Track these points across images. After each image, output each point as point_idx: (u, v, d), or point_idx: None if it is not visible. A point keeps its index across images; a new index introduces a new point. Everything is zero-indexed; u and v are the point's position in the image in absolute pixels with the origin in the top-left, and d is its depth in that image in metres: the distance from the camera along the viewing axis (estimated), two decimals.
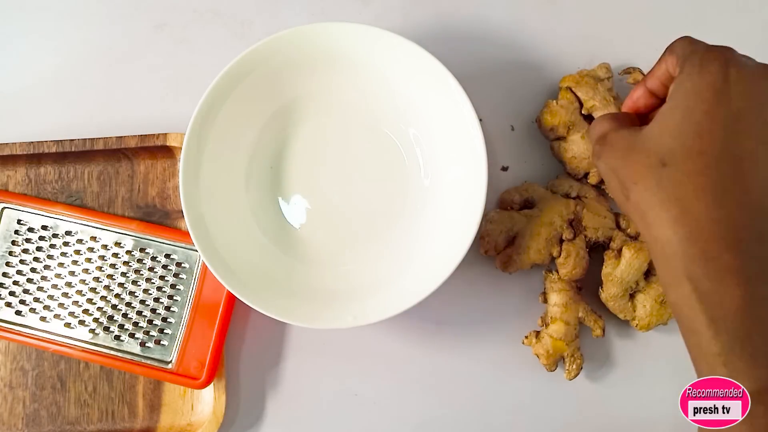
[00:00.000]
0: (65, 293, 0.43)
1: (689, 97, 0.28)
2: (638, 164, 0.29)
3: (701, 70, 0.28)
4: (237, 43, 0.46)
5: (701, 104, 0.28)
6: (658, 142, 0.29)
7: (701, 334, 0.27)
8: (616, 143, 0.31)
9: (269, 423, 0.43)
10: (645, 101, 0.34)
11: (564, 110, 0.42)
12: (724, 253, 0.27)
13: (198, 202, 0.39)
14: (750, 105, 0.27)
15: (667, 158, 0.28)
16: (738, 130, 0.27)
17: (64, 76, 0.46)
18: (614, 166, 0.31)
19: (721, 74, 0.28)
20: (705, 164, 0.27)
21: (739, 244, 0.27)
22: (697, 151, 0.27)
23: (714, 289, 0.27)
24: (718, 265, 0.27)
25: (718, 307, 0.27)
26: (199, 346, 0.41)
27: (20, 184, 0.44)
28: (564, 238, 0.41)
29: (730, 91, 0.27)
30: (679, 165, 0.28)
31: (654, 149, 0.29)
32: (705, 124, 0.27)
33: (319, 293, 0.41)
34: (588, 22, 0.46)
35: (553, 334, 0.41)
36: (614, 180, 0.31)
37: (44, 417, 0.43)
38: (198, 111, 0.38)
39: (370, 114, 0.43)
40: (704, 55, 0.29)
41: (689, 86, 0.28)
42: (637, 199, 0.29)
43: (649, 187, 0.28)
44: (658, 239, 0.28)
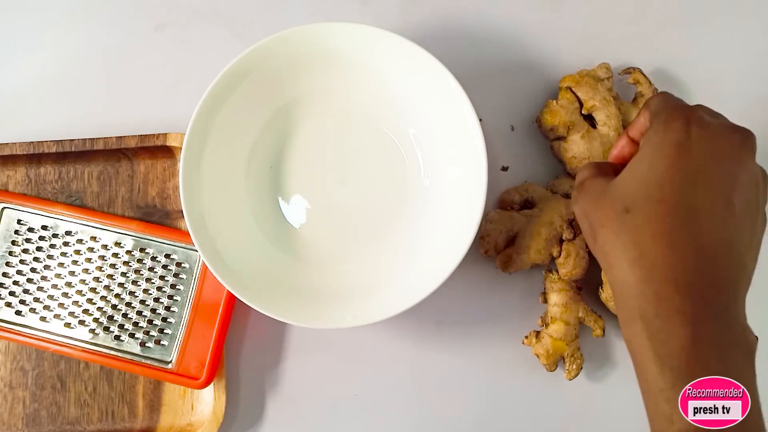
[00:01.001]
0: (65, 293, 0.43)
1: (654, 151, 0.31)
2: (606, 209, 0.32)
3: (666, 127, 0.31)
4: (237, 43, 0.46)
5: (665, 158, 0.30)
6: (625, 190, 0.31)
7: (648, 371, 0.29)
8: (591, 189, 0.34)
9: (269, 423, 0.43)
10: (629, 149, 0.36)
11: (564, 110, 0.42)
12: (674, 295, 0.28)
13: (198, 202, 0.39)
14: (708, 160, 0.30)
15: (630, 205, 0.30)
16: (696, 183, 0.29)
17: (64, 76, 0.46)
18: (586, 210, 0.33)
19: (684, 132, 0.30)
20: (664, 212, 0.29)
21: (689, 287, 0.28)
22: (657, 200, 0.30)
23: (662, 328, 0.28)
24: (668, 306, 0.28)
25: (665, 345, 0.28)
26: (199, 346, 0.41)
27: (20, 184, 0.44)
28: (564, 238, 0.41)
29: (691, 147, 0.30)
30: (640, 212, 0.30)
31: (620, 197, 0.31)
32: (667, 176, 0.30)
33: (319, 293, 0.41)
34: (588, 22, 0.46)
35: (553, 334, 0.41)
36: (585, 223, 0.34)
37: (44, 417, 0.43)
38: (198, 111, 0.38)
39: (370, 114, 0.43)
40: (670, 114, 0.31)
41: (656, 141, 0.31)
42: (602, 241, 0.32)
43: (613, 231, 0.31)
44: (617, 279, 0.30)
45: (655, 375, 0.29)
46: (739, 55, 0.46)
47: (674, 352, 0.28)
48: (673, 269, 0.29)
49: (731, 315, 0.29)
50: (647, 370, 0.29)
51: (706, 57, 0.46)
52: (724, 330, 0.28)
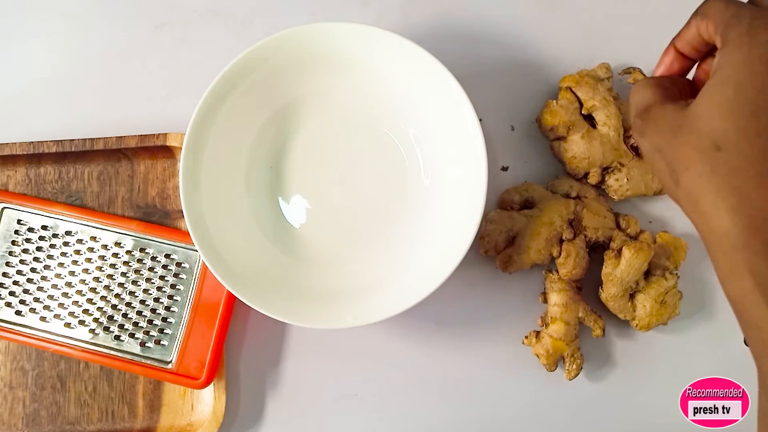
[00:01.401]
0: (65, 293, 0.43)
1: (740, 71, 0.26)
2: (688, 147, 0.27)
3: (751, 39, 0.26)
4: (237, 43, 0.46)
5: (754, 79, 0.25)
6: (708, 122, 0.26)
7: (766, 331, 0.26)
8: (661, 120, 0.29)
9: (269, 423, 0.43)
10: (679, 65, 0.32)
11: (564, 110, 0.42)
12: None
13: (198, 202, 0.39)
14: None
15: (721, 141, 0.26)
16: None
17: (64, 76, 0.46)
18: (660, 146, 0.28)
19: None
20: (765, 147, 0.25)
21: None
22: (755, 132, 0.25)
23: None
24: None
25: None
26: (199, 346, 0.41)
27: (20, 184, 0.44)
28: (564, 238, 0.41)
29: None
30: (735, 149, 0.25)
31: (705, 130, 0.26)
32: (761, 102, 0.25)
33: (319, 293, 0.41)
34: (588, 22, 0.46)
35: (553, 334, 0.41)
36: (661, 162, 0.28)
37: (44, 417, 0.43)
38: (198, 111, 0.38)
39: (370, 114, 0.43)
40: (752, 22, 0.26)
41: (739, 58, 0.26)
42: (689, 185, 0.27)
43: (703, 174, 0.26)
44: (714, 230, 0.26)
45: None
46: None
47: None
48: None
49: None
50: (765, 330, 0.25)
51: None
52: None
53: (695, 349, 0.43)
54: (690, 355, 0.43)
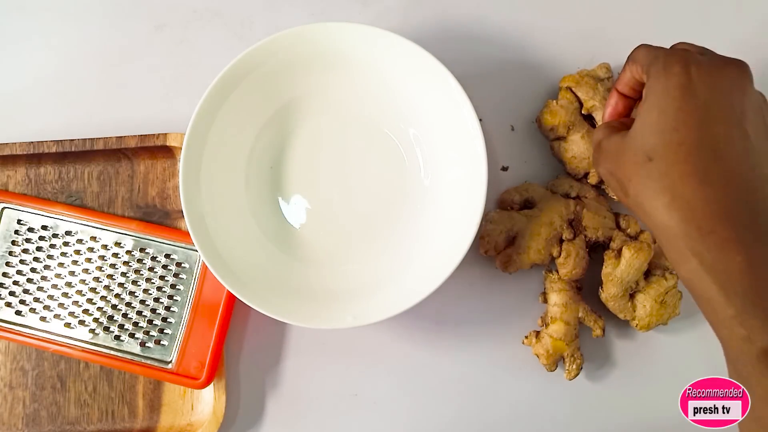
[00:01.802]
0: (65, 293, 0.43)
1: (661, 98, 0.31)
2: (629, 163, 0.32)
3: (666, 72, 0.31)
4: (237, 43, 0.46)
5: (672, 102, 0.31)
6: (641, 141, 0.32)
7: (715, 301, 0.30)
8: (609, 148, 0.34)
9: (269, 423, 0.43)
10: (622, 105, 0.38)
11: (564, 110, 0.42)
12: (717, 227, 0.30)
13: (198, 202, 0.39)
14: (714, 95, 0.31)
15: (651, 153, 0.31)
16: (709, 118, 0.30)
17: (64, 76, 0.46)
18: (610, 168, 0.34)
19: (684, 74, 0.31)
20: (686, 152, 0.30)
21: (729, 215, 0.30)
22: (676, 143, 0.31)
23: (717, 259, 0.29)
24: (716, 238, 0.29)
25: (724, 274, 0.29)
26: (199, 346, 0.41)
27: (20, 184, 0.44)
28: (564, 238, 0.41)
29: (695, 88, 0.31)
30: (663, 158, 0.31)
31: (640, 148, 0.32)
32: (679, 118, 0.31)
33: (319, 293, 0.41)
34: (588, 22, 0.46)
35: (553, 334, 0.41)
36: (613, 181, 0.34)
37: (44, 417, 0.43)
38: (198, 111, 0.38)
39: (370, 114, 0.43)
40: (666, 60, 0.32)
41: (659, 88, 0.32)
42: (633, 193, 0.32)
43: (642, 181, 0.32)
44: (657, 225, 0.31)
45: (723, 304, 0.29)
46: (739, 55, 0.46)
47: (735, 278, 0.29)
48: (709, 203, 0.30)
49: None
50: (714, 301, 0.30)
51: None
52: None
53: (695, 349, 0.43)
54: (690, 355, 0.43)
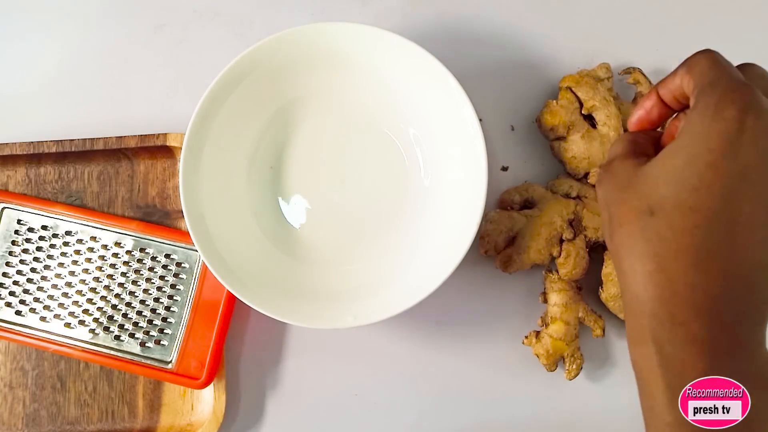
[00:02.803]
0: (65, 293, 0.43)
1: (696, 143, 0.25)
2: (629, 205, 0.27)
3: (716, 112, 0.25)
4: (237, 43, 0.46)
5: (708, 155, 0.25)
6: (653, 185, 0.26)
7: (656, 400, 0.26)
8: (618, 175, 0.29)
9: (269, 423, 0.43)
10: (658, 112, 0.31)
11: (564, 110, 0.42)
12: (692, 322, 0.25)
13: (198, 202, 0.39)
14: (759, 162, 0.24)
15: (656, 207, 0.26)
16: (740, 190, 0.24)
17: (64, 76, 0.46)
18: (608, 199, 0.29)
19: (737, 123, 0.24)
20: (694, 222, 0.25)
21: (710, 314, 0.25)
22: (689, 207, 0.25)
23: (676, 356, 0.25)
24: (685, 333, 0.25)
25: (678, 376, 0.25)
26: (199, 346, 0.41)
27: (20, 184, 0.44)
28: (564, 238, 0.41)
29: (742, 144, 0.24)
30: (666, 218, 0.26)
31: (647, 193, 0.26)
32: (706, 178, 0.25)
33: (320, 293, 0.41)
34: (588, 22, 0.46)
35: (553, 334, 0.41)
36: (605, 213, 0.29)
37: (44, 417, 0.43)
38: (198, 111, 0.38)
39: (370, 114, 0.43)
40: (723, 95, 0.25)
41: (699, 129, 0.25)
42: (618, 242, 0.28)
43: (632, 234, 0.27)
44: (628, 290, 0.27)
45: (663, 406, 0.26)
46: (739, 55, 0.46)
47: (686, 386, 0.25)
48: (694, 291, 0.25)
49: (754, 345, 0.26)
50: (655, 398, 0.26)
51: None
52: (745, 362, 0.25)
53: None
54: None
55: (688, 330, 0.25)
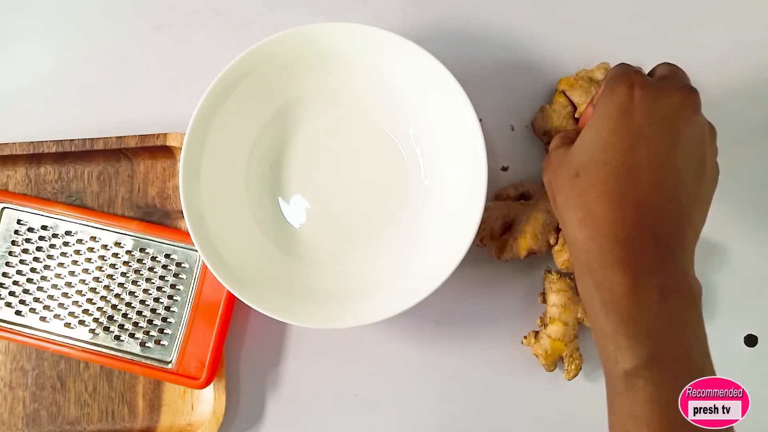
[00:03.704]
0: (65, 293, 0.43)
1: (601, 116, 0.32)
2: (563, 177, 0.34)
3: (611, 92, 0.32)
4: (237, 43, 0.46)
5: (608, 122, 0.32)
6: (576, 156, 0.33)
7: (597, 317, 0.32)
8: (553, 159, 0.36)
9: (269, 423, 0.43)
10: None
11: (556, 114, 0.42)
12: (615, 247, 0.31)
13: (198, 202, 0.39)
14: (649, 120, 0.31)
15: (579, 170, 0.33)
16: (638, 144, 0.31)
17: (64, 76, 0.46)
18: (549, 179, 0.36)
19: (627, 95, 0.32)
20: (607, 173, 0.31)
21: (630, 240, 0.31)
22: (602, 163, 0.32)
23: (606, 277, 0.31)
24: (611, 257, 0.31)
25: (609, 293, 0.31)
26: (199, 346, 0.41)
27: (20, 184, 0.44)
28: (560, 226, 0.41)
29: (634, 110, 0.31)
30: (587, 175, 0.32)
31: (573, 163, 0.33)
32: (610, 139, 0.32)
33: (319, 293, 0.41)
34: (588, 22, 0.46)
35: (551, 334, 0.41)
36: (549, 190, 0.36)
37: (44, 417, 0.43)
38: (198, 111, 0.38)
39: (370, 114, 0.43)
40: (614, 80, 0.33)
41: (601, 107, 0.32)
42: (559, 205, 0.34)
43: (566, 195, 0.33)
44: (569, 238, 0.33)
45: (602, 320, 0.31)
46: (739, 54, 0.46)
47: (617, 299, 0.31)
48: (614, 225, 0.31)
49: (673, 263, 0.31)
50: (596, 317, 0.32)
51: (706, 57, 0.46)
52: (665, 277, 0.31)
53: None
54: None
55: (613, 255, 0.31)
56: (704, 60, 0.46)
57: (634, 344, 0.30)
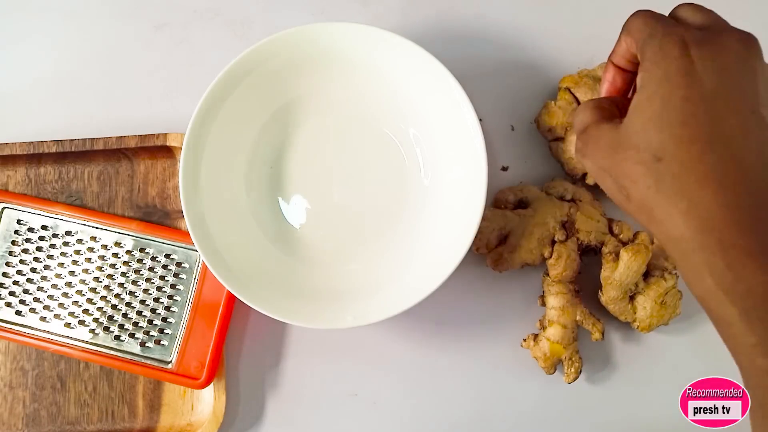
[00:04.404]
0: (65, 293, 0.43)
1: (662, 86, 0.27)
2: (631, 162, 0.28)
3: (663, 56, 0.27)
4: (237, 43, 0.46)
5: (677, 91, 0.27)
6: (644, 136, 0.28)
7: (735, 327, 0.26)
8: (600, 140, 0.30)
9: (269, 423, 0.43)
10: (621, 78, 0.34)
11: (562, 111, 0.42)
12: (740, 239, 0.26)
13: (198, 202, 0.39)
14: (722, 79, 0.27)
15: (660, 152, 0.27)
16: (719, 108, 0.26)
17: (64, 76, 0.46)
18: (604, 165, 0.30)
19: (685, 57, 0.27)
20: (700, 151, 0.26)
21: (754, 225, 0.26)
22: (687, 139, 0.27)
23: (738, 278, 0.26)
24: (738, 252, 0.26)
25: (746, 297, 0.25)
26: (199, 346, 0.41)
27: (20, 184, 0.44)
28: (556, 239, 0.41)
29: (698, 72, 0.27)
30: (674, 158, 0.27)
31: (644, 145, 0.28)
32: (687, 110, 0.27)
33: (319, 293, 0.41)
34: (588, 21, 0.46)
35: (550, 337, 0.40)
36: (608, 179, 0.30)
37: (44, 417, 0.43)
38: (198, 111, 0.38)
39: (370, 114, 0.43)
40: (663, 41, 0.28)
41: (659, 74, 0.27)
42: (640, 198, 0.28)
43: (651, 185, 0.27)
44: (671, 237, 0.27)
45: (742, 330, 0.26)
46: None
47: (759, 301, 0.25)
48: (731, 210, 0.26)
49: None
50: (733, 326, 0.26)
51: None
52: None
53: (696, 349, 0.43)
54: (690, 355, 0.43)
55: (739, 248, 0.25)
56: None
57: None
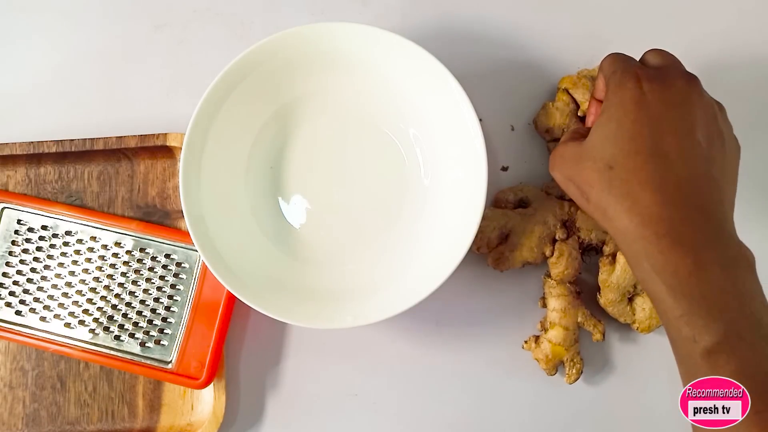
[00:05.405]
0: (65, 293, 0.43)
1: (617, 110, 0.34)
2: (589, 170, 0.34)
3: (621, 87, 0.34)
4: (237, 43, 0.46)
5: (628, 114, 0.33)
6: (601, 149, 0.34)
7: (665, 302, 0.32)
8: (567, 155, 0.36)
9: (269, 423, 0.43)
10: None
11: (559, 112, 0.42)
12: (670, 230, 0.31)
13: (198, 202, 0.39)
14: (665, 109, 0.33)
15: (612, 162, 0.33)
16: (662, 130, 0.33)
17: (64, 76, 0.46)
18: (569, 174, 0.36)
19: (637, 89, 0.34)
20: (643, 161, 0.33)
21: (682, 220, 0.32)
22: (634, 152, 0.33)
23: (668, 261, 0.31)
24: (668, 241, 0.31)
25: (674, 276, 0.31)
26: (199, 346, 0.41)
27: (20, 184, 0.44)
28: (557, 237, 0.41)
29: (647, 101, 0.33)
30: (622, 166, 0.33)
31: (599, 156, 0.34)
32: (635, 129, 0.33)
33: (319, 293, 0.41)
34: (588, 22, 0.46)
35: (552, 339, 0.40)
36: (572, 187, 0.36)
37: (44, 417, 0.43)
38: (198, 111, 0.38)
39: (370, 114, 0.43)
40: (622, 75, 0.35)
41: (616, 101, 0.34)
42: (596, 199, 0.34)
43: (604, 189, 0.34)
44: (618, 229, 0.33)
45: (671, 304, 0.31)
46: (739, 54, 0.46)
47: (683, 280, 0.31)
48: (664, 207, 0.32)
49: (725, 235, 0.32)
50: (663, 301, 0.32)
51: (706, 56, 0.46)
52: (722, 250, 0.32)
53: None
54: None
55: (669, 238, 0.31)
56: (705, 59, 0.46)
57: (709, 321, 0.30)
